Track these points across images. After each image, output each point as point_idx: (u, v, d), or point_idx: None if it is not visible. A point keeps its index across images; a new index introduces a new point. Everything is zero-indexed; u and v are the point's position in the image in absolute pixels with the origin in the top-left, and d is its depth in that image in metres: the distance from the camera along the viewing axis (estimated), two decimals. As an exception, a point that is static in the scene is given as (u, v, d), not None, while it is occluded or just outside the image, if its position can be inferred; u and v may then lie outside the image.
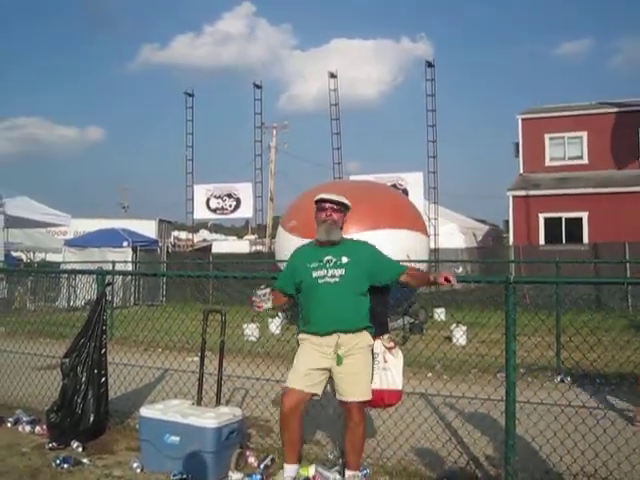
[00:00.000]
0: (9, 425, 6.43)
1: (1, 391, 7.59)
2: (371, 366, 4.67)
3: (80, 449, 5.68)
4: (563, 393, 5.63)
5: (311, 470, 5.01)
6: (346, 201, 4.86)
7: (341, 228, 4.83)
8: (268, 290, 4.84)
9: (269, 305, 4.84)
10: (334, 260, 4.65)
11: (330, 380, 4.69)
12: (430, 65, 26.11)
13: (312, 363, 4.60)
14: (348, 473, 4.72)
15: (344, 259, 4.65)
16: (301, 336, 4.77)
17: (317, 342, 4.62)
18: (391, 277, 4.72)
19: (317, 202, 4.84)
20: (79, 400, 5.93)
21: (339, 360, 4.54)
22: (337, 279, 4.60)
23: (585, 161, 27.41)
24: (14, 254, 22.21)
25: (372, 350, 4.69)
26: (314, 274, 4.66)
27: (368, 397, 4.63)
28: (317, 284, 4.63)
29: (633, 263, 17.44)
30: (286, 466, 4.75)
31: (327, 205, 4.78)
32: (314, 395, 4.67)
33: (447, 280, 4.43)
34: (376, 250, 4.87)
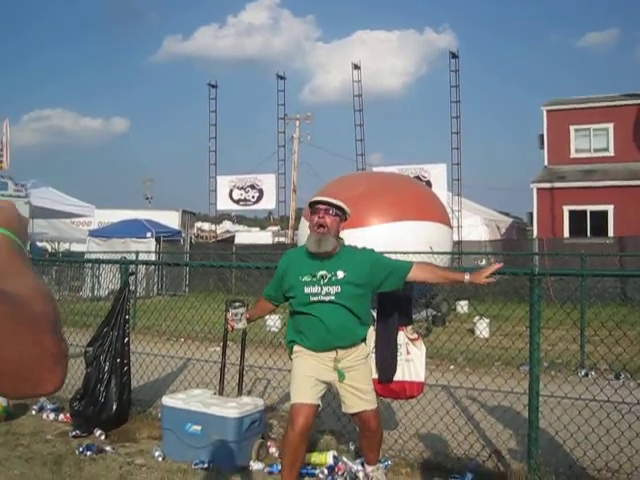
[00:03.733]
0: (33, 413, 6.50)
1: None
2: (371, 374, 4.53)
3: (103, 437, 5.73)
4: (587, 387, 5.56)
5: (329, 457, 5.01)
6: (344, 206, 4.36)
7: (337, 236, 4.35)
8: (242, 310, 4.76)
9: (241, 326, 4.78)
10: (328, 276, 4.24)
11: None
12: (454, 56, 25.90)
13: (315, 373, 4.28)
14: (369, 468, 4.70)
15: (340, 274, 4.24)
16: (296, 348, 4.41)
17: (314, 355, 4.33)
18: (397, 282, 4.35)
19: (311, 205, 4.44)
20: (102, 389, 5.97)
21: (341, 376, 4.28)
22: (332, 297, 4.23)
23: (611, 153, 27.01)
24: (39, 244, 22.41)
25: (368, 357, 4.49)
26: (306, 290, 4.27)
27: (376, 404, 4.48)
28: (310, 302, 4.26)
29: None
30: None
31: (321, 207, 4.31)
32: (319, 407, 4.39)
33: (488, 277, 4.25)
34: (375, 257, 4.44)
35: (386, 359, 4.71)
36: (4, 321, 0.78)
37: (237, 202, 29.90)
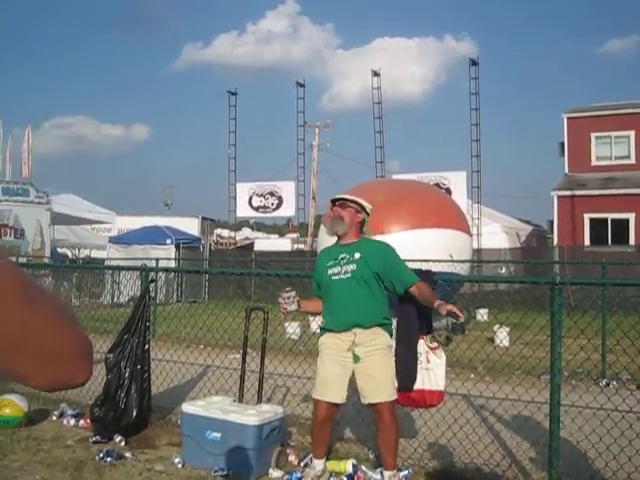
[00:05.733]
0: (54, 418, 6.54)
1: (47, 385, 7.70)
2: (392, 366, 4.66)
3: (123, 443, 5.75)
4: (609, 397, 5.50)
5: (348, 466, 5.01)
6: (359, 200, 4.86)
7: (354, 224, 4.79)
8: (293, 293, 4.72)
9: (293, 308, 4.72)
10: (347, 257, 4.69)
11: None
12: (474, 63, 25.88)
13: (335, 371, 4.62)
14: (386, 474, 4.70)
15: (356, 255, 4.67)
16: (321, 340, 4.79)
17: (335, 341, 4.64)
18: (400, 285, 4.68)
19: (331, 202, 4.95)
20: (122, 395, 6.00)
21: (355, 358, 4.54)
22: (349, 274, 4.64)
23: (632, 161, 26.77)
24: (60, 250, 22.58)
25: (391, 349, 4.71)
26: (329, 272, 4.75)
27: (393, 397, 4.61)
28: (331, 281, 4.72)
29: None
30: (315, 461, 4.88)
31: (336, 203, 4.85)
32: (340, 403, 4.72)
33: (449, 312, 4.45)
34: (390, 252, 4.81)
35: (407, 367, 4.71)
36: (53, 313, 0.91)
37: (256, 209, 30.00)
